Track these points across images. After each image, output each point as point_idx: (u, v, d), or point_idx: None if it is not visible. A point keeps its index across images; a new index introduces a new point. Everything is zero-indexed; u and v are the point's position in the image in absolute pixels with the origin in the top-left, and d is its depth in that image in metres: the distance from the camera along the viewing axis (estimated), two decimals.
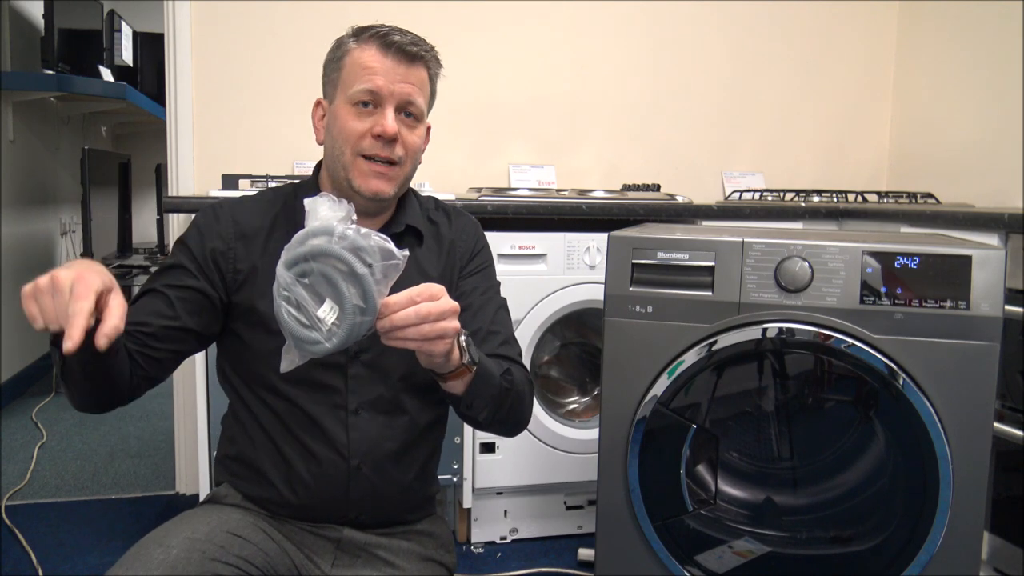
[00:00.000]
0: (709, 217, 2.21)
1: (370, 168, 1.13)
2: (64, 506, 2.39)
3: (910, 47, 2.85)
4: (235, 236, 1.17)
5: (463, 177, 2.58)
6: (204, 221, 1.19)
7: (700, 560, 1.48)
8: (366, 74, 1.12)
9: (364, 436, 1.15)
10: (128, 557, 1.04)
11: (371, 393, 1.16)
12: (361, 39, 1.14)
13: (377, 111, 1.13)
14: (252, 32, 2.40)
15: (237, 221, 1.18)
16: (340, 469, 1.13)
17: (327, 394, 1.14)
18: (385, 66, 1.12)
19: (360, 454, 1.14)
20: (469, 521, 2.17)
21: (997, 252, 1.35)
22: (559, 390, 2.31)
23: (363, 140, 1.13)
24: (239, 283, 1.16)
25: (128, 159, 4.26)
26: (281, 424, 1.15)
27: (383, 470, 1.16)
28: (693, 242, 1.44)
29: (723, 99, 2.79)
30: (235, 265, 1.16)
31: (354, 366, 1.15)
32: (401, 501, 1.20)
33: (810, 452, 1.58)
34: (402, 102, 1.14)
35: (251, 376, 1.17)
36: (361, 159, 1.13)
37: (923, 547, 1.38)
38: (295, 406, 1.14)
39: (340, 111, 1.14)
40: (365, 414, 1.15)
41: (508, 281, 2.01)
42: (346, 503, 1.15)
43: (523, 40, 2.62)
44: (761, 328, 1.40)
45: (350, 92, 1.13)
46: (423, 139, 1.20)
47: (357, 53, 1.14)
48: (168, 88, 2.41)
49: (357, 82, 1.12)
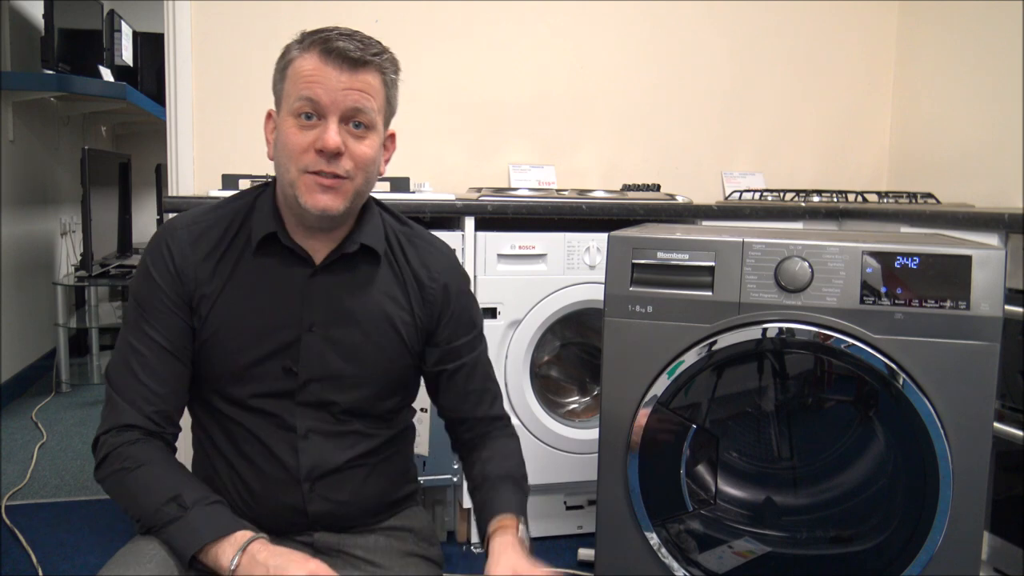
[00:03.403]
0: (709, 217, 2.21)
1: (316, 182, 1.05)
2: (64, 506, 2.39)
3: (910, 47, 2.85)
4: (195, 263, 1.12)
5: (463, 177, 2.58)
6: (161, 251, 1.12)
7: (700, 560, 1.48)
8: (304, 83, 1.04)
9: (314, 460, 1.13)
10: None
11: (320, 420, 1.14)
12: (303, 45, 1.07)
13: (320, 123, 1.05)
14: (252, 32, 2.40)
15: (194, 247, 1.12)
16: (296, 489, 1.13)
17: (275, 419, 1.13)
18: (326, 74, 1.04)
19: (312, 477, 1.13)
20: (469, 521, 2.17)
21: (997, 252, 1.35)
22: (559, 390, 2.31)
23: (306, 155, 1.05)
24: (202, 309, 1.12)
25: (128, 159, 4.25)
26: (234, 446, 1.14)
27: (340, 488, 1.15)
28: (693, 242, 1.44)
29: (723, 99, 2.79)
30: (200, 291, 1.12)
31: (301, 394, 1.13)
32: (369, 508, 1.20)
33: (810, 452, 1.58)
34: (347, 112, 1.05)
35: (205, 398, 1.16)
36: (307, 175, 1.05)
37: (923, 547, 1.38)
38: (245, 430, 1.13)
39: (283, 125, 1.07)
40: (316, 437, 1.13)
41: (508, 281, 2.02)
42: (306, 518, 1.15)
43: (523, 40, 2.62)
44: (761, 328, 1.40)
45: (291, 104, 1.05)
46: (376, 150, 1.10)
47: (299, 61, 1.06)
48: (168, 88, 2.41)
49: (296, 92, 1.05)
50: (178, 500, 1.03)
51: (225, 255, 1.12)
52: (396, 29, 2.46)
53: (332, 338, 1.12)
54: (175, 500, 1.03)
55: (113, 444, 1.07)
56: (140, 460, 1.06)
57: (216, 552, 1.00)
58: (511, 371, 2.04)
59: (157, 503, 1.03)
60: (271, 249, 1.12)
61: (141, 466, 1.06)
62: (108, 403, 1.10)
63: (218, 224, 1.14)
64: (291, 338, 1.11)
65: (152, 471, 1.06)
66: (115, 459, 1.07)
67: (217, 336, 1.11)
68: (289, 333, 1.11)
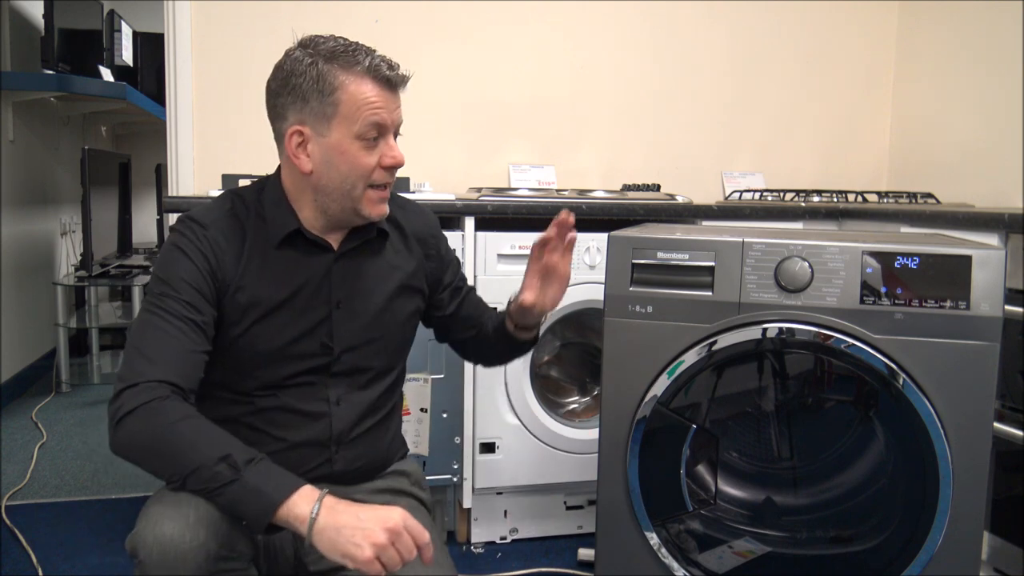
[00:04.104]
0: (709, 217, 2.21)
1: (378, 196, 1.21)
2: (64, 506, 2.39)
3: (910, 47, 2.85)
4: (230, 257, 1.20)
5: (463, 177, 2.58)
6: (196, 238, 1.19)
7: (700, 560, 1.48)
8: (370, 109, 1.16)
9: (343, 424, 1.25)
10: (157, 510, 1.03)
11: (349, 387, 1.27)
12: (350, 71, 1.15)
13: (380, 141, 1.19)
14: (252, 32, 2.40)
15: (228, 241, 1.21)
16: (323, 453, 1.24)
17: (311, 391, 1.25)
18: (384, 98, 1.17)
19: (340, 441, 1.25)
20: (469, 521, 2.17)
21: (997, 252, 1.35)
22: (559, 390, 2.31)
23: (375, 173, 1.19)
24: (239, 298, 1.20)
25: (128, 159, 4.26)
26: (263, 418, 1.22)
27: (359, 447, 1.28)
28: (693, 242, 1.44)
29: (723, 99, 2.79)
30: (234, 283, 1.20)
31: (336, 365, 1.26)
32: (377, 464, 1.33)
33: (810, 452, 1.58)
34: (397, 127, 1.22)
35: (232, 386, 1.23)
36: (372, 189, 1.20)
37: (923, 547, 1.38)
38: (279, 407, 1.23)
39: (346, 146, 1.17)
40: (345, 404, 1.26)
41: (508, 281, 2.01)
42: (328, 479, 1.23)
43: (523, 40, 2.62)
44: (761, 328, 1.40)
45: (356, 128, 1.16)
46: None
47: (353, 88, 1.15)
48: (168, 88, 2.41)
49: (362, 118, 1.16)
50: (229, 460, 1.01)
51: (251, 252, 1.22)
52: (396, 29, 2.47)
53: (357, 311, 1.27)
54: (226, 460, 1.01)
55: (143, 398, 1.04)
56: (180, 414, 1.04)
57: (287, 508, 1.00)
58: (511, 371, 2.04)
59: (207, 461, 1.01)
60: (292, 242, 1.23)
61: (182, 420, 1.04)
62: (131, 361, 1.09)
63: (238, 224, 1.23)
64: (323, 316, 1.24)
65: (195, 426, 1.04)
66: (149, 413, 1.03)
67: (256, 324, 1.20)
68: (320, 312, 1.24)
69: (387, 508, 1.03)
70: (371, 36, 1.31)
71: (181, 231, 1.20)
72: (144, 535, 1.00)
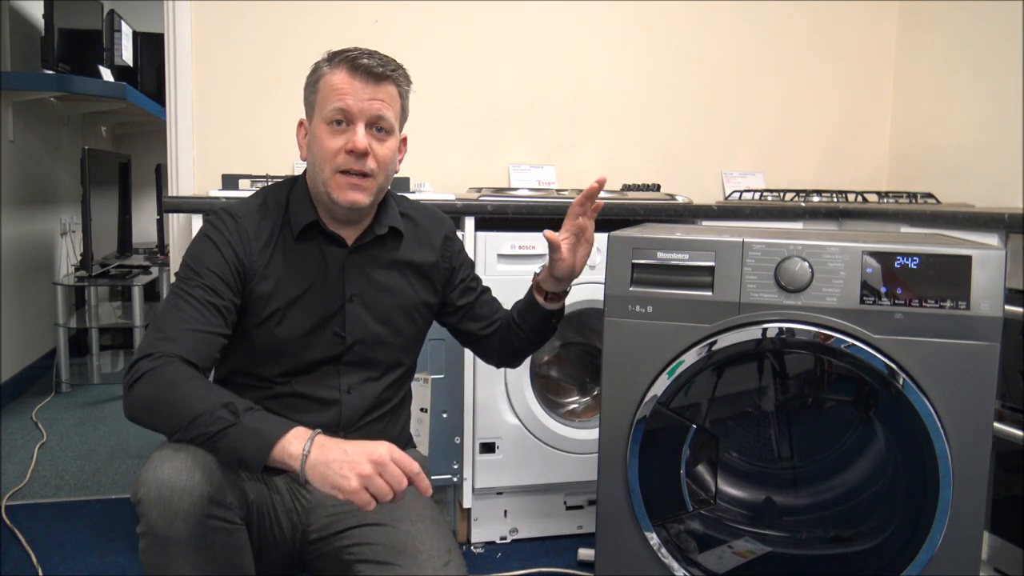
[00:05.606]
0: (709, 217, 2.21)
1: (346, 181, 1.26)
2: (64, 506, 2.39)
3: (910, 47, 2.85)
4: (257, 249, 1.29)
5: (463, 177, 2.58)
6: (226, 230, 1.28)
7: (700, 560, 1.48)
8: (336, 95, 1.25)
9: (352, 412, 1.33)
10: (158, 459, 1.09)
11: (360, 377, 1.35)
12: (333, 63, 1.27)
13: (350, 128, 1.25)
14: (252, 32, 2.40)
15: (256, 235, 1.30)
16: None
17: (324, 378, 1.32)
18: (354, 87, 1.24)
19: (349, 427, 1.32)
20: (469, 521, 2.17)
21: (997, 252, 1.35)
22: (559, 390, 2.31)
23: (338, 156, 1.25)
24: (263, 287, 1.28)
25: (128, 159, 4.26)
26: (277, 403, 1.29)
27: (367, 435, 1.27)
28: (693, 242, 1.44)
29: (723, 99, 2.79)
30: (259, 273, 1.28)
31: (348, 355, 1.33)
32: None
33: (810, 452, 1.58)
34: (372, 118, 1.26)
35: (251, 371, 1.32)
36: (339, 174, 1.26)
37: (923, 547, 1.38)
38: (293, 392, 1.31)
39: (317, 131, 1.27)
40: (355, 393, 1.34)
41: (508, 281, 2.02)
42: None
43: (523, 40, 2.62)
44: (761, 328, 1.40)
45: (324, 112, 1.26)
46: (394, 150, 1.32)
47: (329, 76, 1.26)
48: (168, 88, 2.41)
49: (329, 103, 1.25)
50: (230, 407, 1.08)
51: (276, 244, 1.31)
52: (396, 29, 2.46)
53: (369, 305, 1.35)
54: (227, 407, 1.08)
55: (157, 365, 1.12)
56: (186, 375, 1.13)
57: (282, 446, 1.06)
58: (511, 371, 2.04)
59: (210, 407, 1.08)
60: (311, 235, 1.32)
61: (188, 379, 1.12)
62: (150, 336, 1.18)
63: (268, 217, 1.32)
64: (336, 308, 1.33)
65: (199, 383, 1.13)
66: (156, 374, 1.11)
67: (277, 312, 1.29)
68: (335, 304, 1.32)
69: (375, 442, 1.07)
70: (371, 36, 1.32)
71: (214, 223, 1.29)
72: (145, 477, 1.06)
